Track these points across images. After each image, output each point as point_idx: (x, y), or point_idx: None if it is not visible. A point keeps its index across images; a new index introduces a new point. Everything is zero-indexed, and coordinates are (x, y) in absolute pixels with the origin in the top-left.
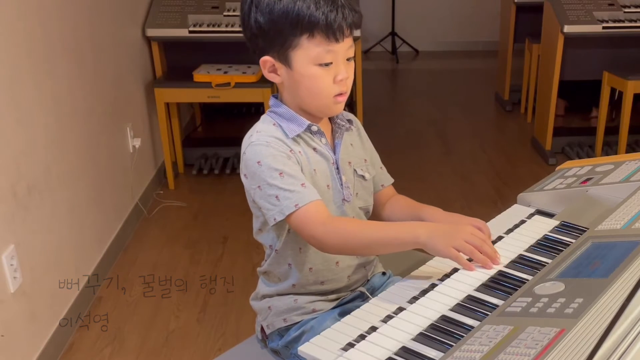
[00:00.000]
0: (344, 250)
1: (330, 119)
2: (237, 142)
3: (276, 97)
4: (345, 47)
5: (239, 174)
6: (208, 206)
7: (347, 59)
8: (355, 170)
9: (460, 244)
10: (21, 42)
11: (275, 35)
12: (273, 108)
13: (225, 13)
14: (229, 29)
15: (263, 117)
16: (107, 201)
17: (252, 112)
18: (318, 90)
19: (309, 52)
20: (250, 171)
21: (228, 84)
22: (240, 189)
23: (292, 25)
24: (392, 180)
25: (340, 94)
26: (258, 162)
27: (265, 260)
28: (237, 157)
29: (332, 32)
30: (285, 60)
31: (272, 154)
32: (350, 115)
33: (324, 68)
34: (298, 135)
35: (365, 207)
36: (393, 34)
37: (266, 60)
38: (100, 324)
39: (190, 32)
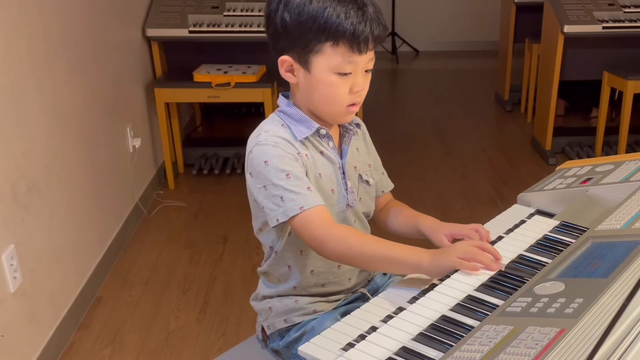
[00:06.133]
0: (343, 258)
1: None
2: (237, 142)
3: (286, 97)
4: (366, 59)
5: (239, 173)
6: (208, 206)
7: (366, 71)
8: (360, 175)
9: (462, 252)
10: (21, 42)
11: (299, 37)
12: (283, 108)
13: (225, 13)
14: (229, 29)
15: (271, 116)
16: (107, 201)
17: (252, 112)
18: (333, 98)
19: (330, 60)
20: (256, 170)
21: (228, 84)
22: (241, 189)
23: (319, 31)
24: (392, 186)
25: (354, 104)
26: (265, 162)
27: (265, 261)
28: (238, 157)
29: (356, 44)
30: (305, 63)
31: (279, 154)
32: (358, 120)
33: (342, 77)
34: (306, 138)
35: (367, 212)
36: (393, 34)
37: (285, 59)
38: (100, 324)
39: (190, 32)
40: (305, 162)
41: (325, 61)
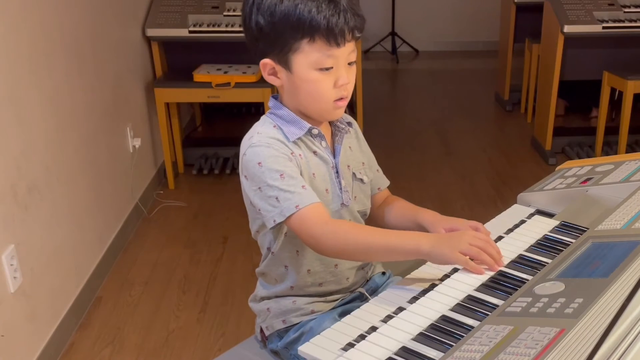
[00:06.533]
0: (342, 253)
1: (331, 122)
2: (237, 142)
3: (276, 98)
4: (346, 52)
5: (239, 173)
6: (208, 206)
7: (349, 63)
8: (354, 173)
9: (465, 247)
10: (21, 42)
11: (275, 38)
12: (273, 110)
13: (225, 13)
14: (229, 29)
15: (263, 118)
16: (107, 201)
17: (252, 112)
18: (318, 95)
19: (309, 56)
20: (251, 172)
21: (228, 84)
22: (241, 189)
23: (293, 29)
24: (388, 183)
25: (341, 99)
26: (259, 163)
27: (263, 261)
28: (237, 157)
29: (333, 37)
30: (285, 64)
31: (273, 155)
32: (350, 118)
33: (325, 73)
34: (299, 139)
35: (363, 210)
36: (393, 34)
37: (266, 62)
38: (100, 324)
39: (190, 32)
40: (299, 162)
41: (304, 59)
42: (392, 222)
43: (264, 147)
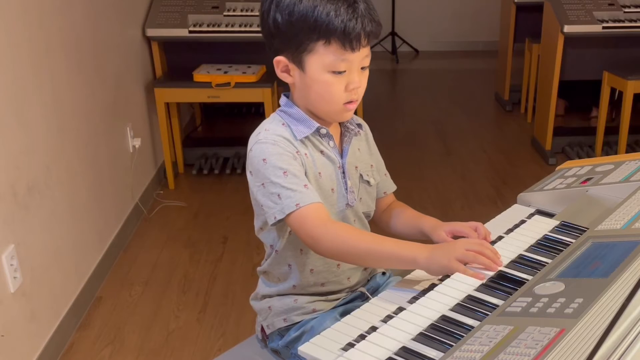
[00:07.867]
0: (338, 255)
1: (340, 123)
2: (237, 142)
3: (287, 96)
4: (361, 57)
5: (239, 173)
6: (208, 206)
7: (362, 68)
8: (361, 175)
9: (462, 253)
10: (21, 42)
11: (291, 37)
12: (284, 107)
13: (225, 13)
14: (229, 29)
15: (272, 115)
16: (107, 201)
17: (252, 112)
18: (329, 97)
19: (323, 58)
20: (255, 168)
21: (228, 84)
22: (241, 189)
23: (310, 30)
24: (395, 188)
25: (351, 102)
26: (263, 160)
27: (266, 260)
28: (238, 157)
29: (348, 42)
30: (299, 63)
31: (278, 152)
32: (360, 120)
33: (337, 76)
34: (306, 137)
35: (367, 212)
36: (393, 34)
37: (280, 60)
38: (100, 324)
39: (190, 32)
40: (304, 161)
41: (318, 60)
42: (396, 229)
43: (270, 144)
